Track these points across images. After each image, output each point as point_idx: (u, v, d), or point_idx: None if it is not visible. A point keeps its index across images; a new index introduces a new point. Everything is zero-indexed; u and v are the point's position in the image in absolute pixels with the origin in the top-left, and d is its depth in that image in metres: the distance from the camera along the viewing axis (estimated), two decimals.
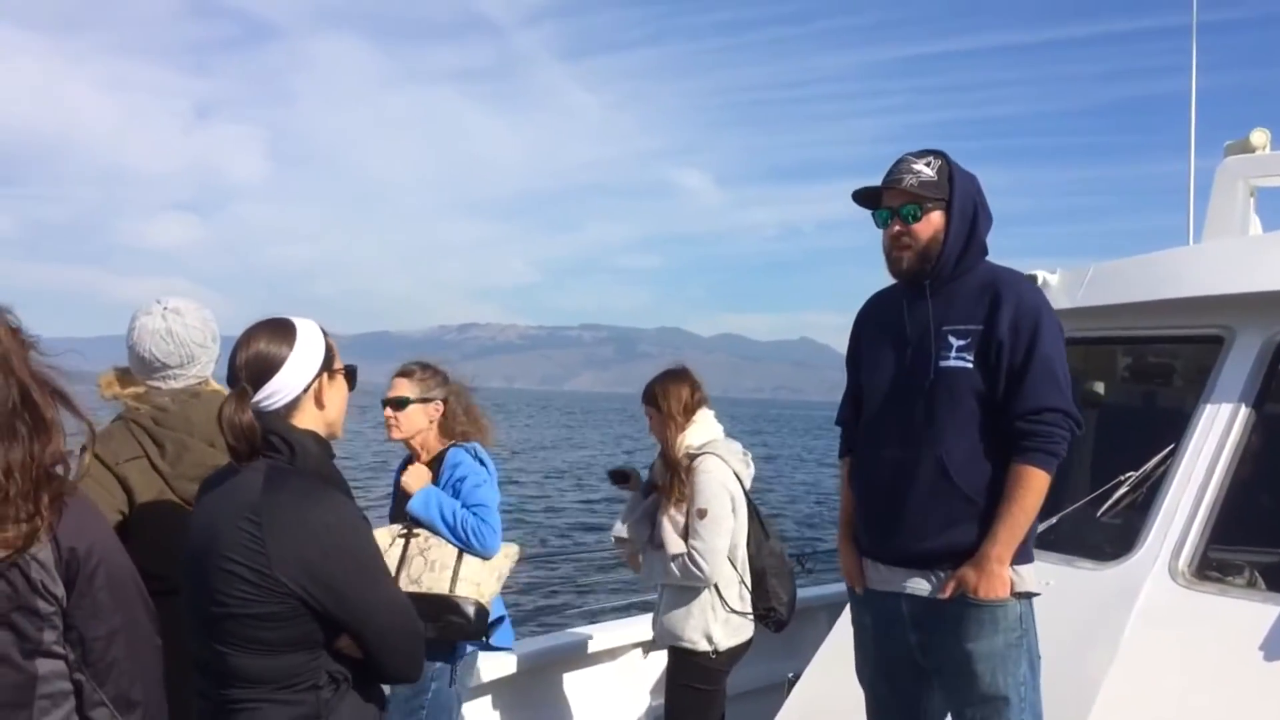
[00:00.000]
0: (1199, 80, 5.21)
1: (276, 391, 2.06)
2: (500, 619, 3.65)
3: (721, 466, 3.92)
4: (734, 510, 3.92)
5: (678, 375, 4.09)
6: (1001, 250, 2.87)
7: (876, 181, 2.78)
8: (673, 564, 3.88)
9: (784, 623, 4.08)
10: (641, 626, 4.92)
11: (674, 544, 3.88)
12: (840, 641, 3.39)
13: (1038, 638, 2.69)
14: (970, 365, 2.63)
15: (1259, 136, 4.81)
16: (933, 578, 2.66)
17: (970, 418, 2.63)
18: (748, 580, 3.99)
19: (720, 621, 3.89)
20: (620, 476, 4.26)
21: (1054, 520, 3.29)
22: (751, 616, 3.99)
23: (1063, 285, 3.68)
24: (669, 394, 4.01)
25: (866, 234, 2.91)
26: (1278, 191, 5.05)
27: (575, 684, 4.82)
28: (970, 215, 2.73)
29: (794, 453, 47.97)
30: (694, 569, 3.83)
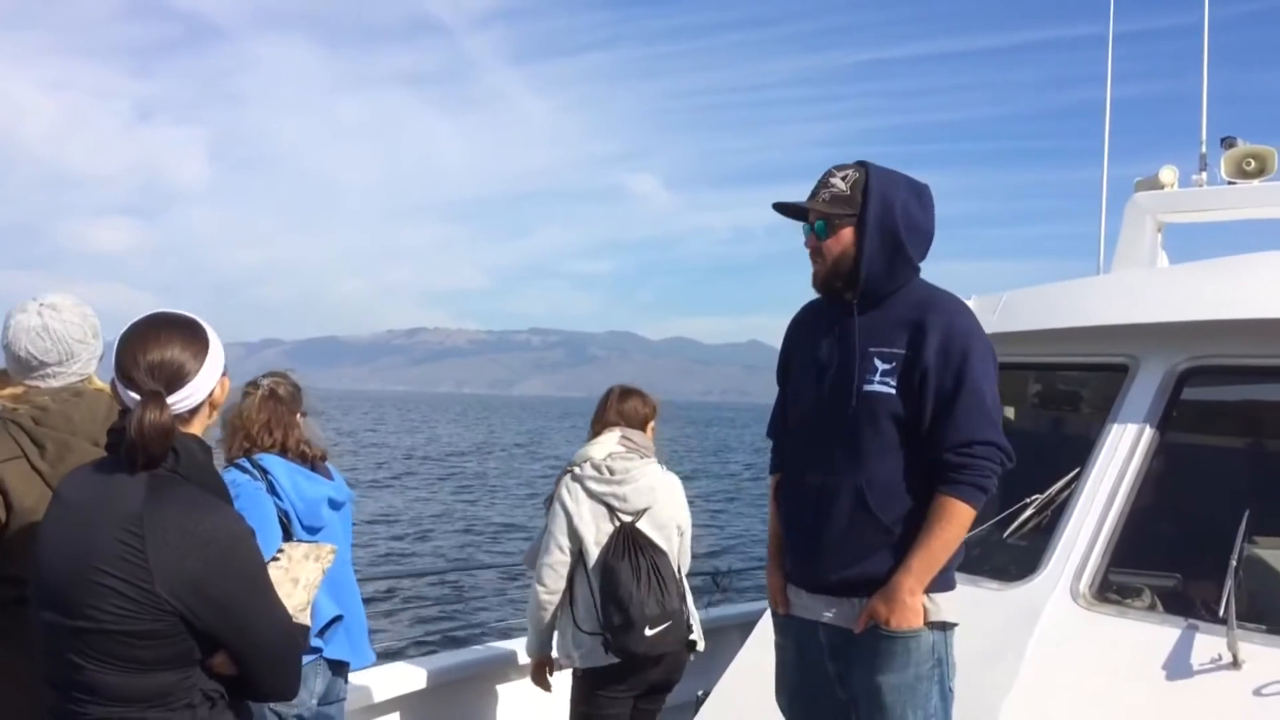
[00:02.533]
0: (1120, 90, 5.30)
1: (188, 397, 1.99)
2: (335, 620, 3.31)
3: (568, 483, 3.85)
4: (573, 528, 3.78)
5: (620, 392, 4.10)
6: (951, 252, 2.80)
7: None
8: None
9: (610, 647, 3.71)
10: None
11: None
12: (750, 661, 3.36)
13: (953, 668, 2.63)
14: (893, 391, 2.54)
15: (1167, 174, 4.97)
16: (850, 607, 2.59)
17: (891, 445, 2.55)
18: (598, 599, 3.78)
19: (570, 639, 3.83)
20: None
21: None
22: (601, 638, 3.75)
23: (976, 311, 3.74)
24: (600, 403, 4.08)
25: None
26: (1185, 225, 5.21)
27: (490, 699, 4.73)
28: (889, 230, 2.59)
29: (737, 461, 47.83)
30: (535, 583, 3.86)
